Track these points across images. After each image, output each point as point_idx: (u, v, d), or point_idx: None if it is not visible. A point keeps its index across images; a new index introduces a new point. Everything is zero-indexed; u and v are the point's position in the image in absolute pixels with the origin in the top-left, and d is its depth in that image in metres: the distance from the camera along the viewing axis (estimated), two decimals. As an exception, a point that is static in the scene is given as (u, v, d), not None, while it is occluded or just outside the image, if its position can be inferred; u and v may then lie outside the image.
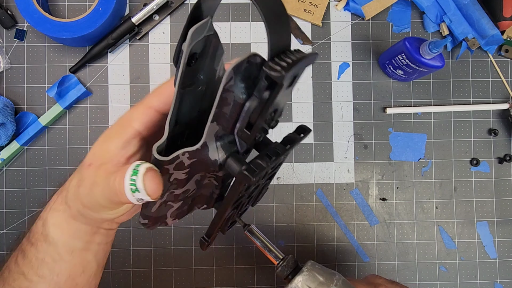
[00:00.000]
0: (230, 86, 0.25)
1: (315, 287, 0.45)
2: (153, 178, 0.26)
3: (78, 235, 0.34)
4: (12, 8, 0.61)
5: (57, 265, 0.34)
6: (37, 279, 0.34)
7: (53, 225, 0.34)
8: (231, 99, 0.26)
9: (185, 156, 0.27)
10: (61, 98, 0.60)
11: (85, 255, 0.35)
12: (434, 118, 0.64)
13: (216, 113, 0.26)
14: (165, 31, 0.63)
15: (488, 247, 0.64)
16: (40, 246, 0.34)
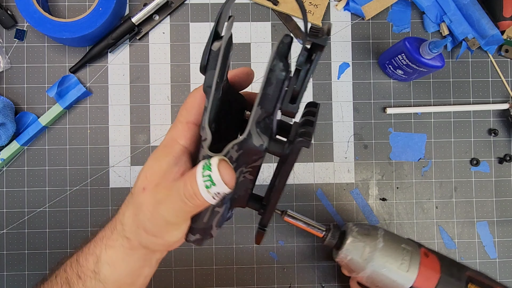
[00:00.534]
0: (273, 66, 0.28)
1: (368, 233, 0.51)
2: (227, 167, 0.27)
3: (131, 271, 0.34)
4: (12, 8, 0.61)
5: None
6: None
7: (107, 263, 0.33)
8: (274, 78, 0.29)
9: (234, 149, 0.29)
10: (61, 98, 0.60)
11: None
12: (434, 118, 0.64)
13: (262, 96, 0.29)
14: (165, 31, 0.63)
15: (488, 247, 0.64)
16: (89, 282, 0.34)
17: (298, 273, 0.63)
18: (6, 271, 0.61)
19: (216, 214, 0.33)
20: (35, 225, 0.61)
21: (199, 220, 0.32)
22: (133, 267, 0.34)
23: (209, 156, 0.28)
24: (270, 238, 0.63)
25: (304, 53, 0.28)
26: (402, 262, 0.49)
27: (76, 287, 0.34)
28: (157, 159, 0.31)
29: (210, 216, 0.32)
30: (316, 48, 0.29)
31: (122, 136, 0.62)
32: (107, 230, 0.34)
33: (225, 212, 0.35)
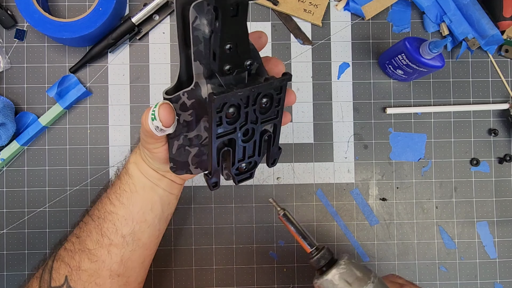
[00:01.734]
0: (197, 25, 0.30)
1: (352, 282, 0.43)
2: (165, 108, 0.34)
3: (148, 174, 0.45)
4: (12, 8, 0.61)
5: (133, 196, 0.45)
6: (118, 204, 0.45)
7: (132, 163, 0.46)
8: (201, 36, 0.31)
9: (185, 96, 0.34)
10: (61, 98, 0.60)
11: (153, 193, 0.46)
12: (434, 118, 0.64)
13: (195, 52, 0.32)
14: (165, 31, 0.63)
15: (488, 247, 0.64)
16: (123, 177, 0.46)
17: (298, 273, 0.63)
18: (6, 271, 0.61)
19: (188, 152, 0.39)
20: (35, 225, 0.61)
21: (170, 151, 0.39)
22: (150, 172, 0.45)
23: (164, 97, 0.34)
24: (270, 238, 0.63)
25: (213, 14, 0.30)
26: None
27: (116, 183, 0.47)
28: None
29: (178, 150, 0.39)
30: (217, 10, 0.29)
31: (122, 136, 0.62)
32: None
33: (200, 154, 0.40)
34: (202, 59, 0.32)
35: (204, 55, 0.32)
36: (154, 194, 0.46)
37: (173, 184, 0.47)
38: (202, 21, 0.30)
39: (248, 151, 0.38)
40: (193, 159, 0.40)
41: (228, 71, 0.32)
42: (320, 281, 0.44)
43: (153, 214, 0.46)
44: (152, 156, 0.41)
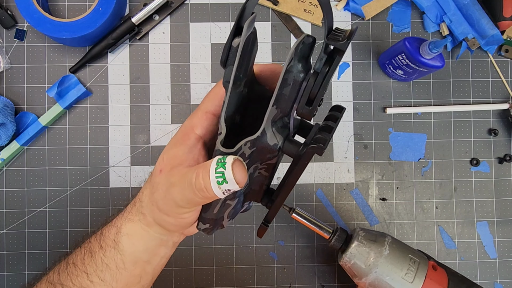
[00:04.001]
0: (290, 67, 0.28)
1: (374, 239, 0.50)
2: (241, 167, 0.28)
3: (147, 247, 0.36)
4: (12, 8, 0.61)
5: (119, 273, 0.36)
6: (97, 281, 0.36)
7: (126, 235, 0.36)
8: (291, 79, 0.29)
9: (247, 146, 0.29)
10: (61, 98, 0.60)
11: (146, 267, 0.37)
12: (434, 118, 0.64)
13: (277, 96, 0.29)
14: (165, 31, 0.63)
15: (488, 247, 0.64)
16: (109, 251, 0.36)
17: (298, 273, 0.63)
18: (6, 271, 0.61)
19: (227, 206, 0.34)
20: (35, 225, 0.61)
21: (209, 210, 0.33)
22: (150, 244, 0.36)
23: (221, 151, 0.29)
24: (270, 238, 0.63)
25: (324, 56, 0.28)
26: (407, 272, 0.48)
27: (97, 256, 0.37)
28: (174, 145, 0.33)
29: (220, 208, 0.33)
30: (336, 52, 0.28)
31: (122, 136, 0.62)
32: (129, 207, 0.37)
33: (237, 205, 0.35)
34: (282, 103, 0.30)
35: (287, 98, 0.30)
36: (147, 267, 0.38)
37: (175, 246, 0.39)
38: (296, 63, 0.28)
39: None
40: (230, 212, 0.35)
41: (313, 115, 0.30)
42: (349, 252, 0.49)
43: (140, 285, 0.39)
44: (177, 223, 0.33)
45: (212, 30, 0.63)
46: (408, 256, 0.49)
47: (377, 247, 0.49)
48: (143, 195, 0.35)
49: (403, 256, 0.49)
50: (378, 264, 0.48)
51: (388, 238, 0.50)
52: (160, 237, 0.36)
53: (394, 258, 0.49)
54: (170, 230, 0.35)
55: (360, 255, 0.49)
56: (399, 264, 0.48)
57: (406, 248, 0.51)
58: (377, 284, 0.49)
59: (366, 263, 0.49)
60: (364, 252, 0.49)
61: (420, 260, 0.50)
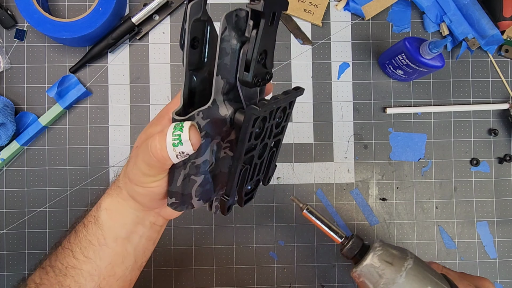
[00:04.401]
0: (225, 36, 0.29)
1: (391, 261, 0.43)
2: (195, 130, 0.30)
3: (124, 222, 0.38)
4: (12, 8, 0.61)
5: (101, 250, 0.38)
6: (82, 259, 0.38)
7: (104, 209, 0.38)
8: (228, 48, 0.30)
9: (200, 116, 0.31)
10: (61, 98, 0.60)
11: (126, 245, 0.39)
12: (434, 118, 0.64)
13: (219, 65, 0.30)
14: (165, 31, 0.63)
15: (488, 247, 0.64)
16: (91, 228, 0.38)
17: (298, 273, 0.63)
18: (6, 271, 0.61)
19: (192, 182, 0.35)
20: (35, 225, 0.61)
21: (173, 183, 0.34)
22: (126, 219, 0.38)
23: (174, 118, 0.31)
24: (270, 238, 0.63)
25: (250, 22, 0.29)
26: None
27: (80, 234, 0.38)
28: (150, 126, 0.36)
29: (183, 181, 0.34)
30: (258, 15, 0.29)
31: (122, 136, 0.62)
32: (112, 184, 0.39)
33: (206, 184, 0.36)
34: (226, 73, 0.31)
35: (229, 68, 0.31)
36: (128, 245, 0.39)
37: (154, 228, 0.40)
38: (231, 32, 0.29)
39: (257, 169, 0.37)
40: (197, 189, 0.36)
41: (257, 82, 0.31)
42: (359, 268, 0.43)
43: (124, 267, 0.39)
44: (146, 193, 0.35)
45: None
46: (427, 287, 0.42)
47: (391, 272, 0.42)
48: (122, 171, 0.38)
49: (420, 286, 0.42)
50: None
51: (408, 263, 0.43)
52: (136, 213, 0.38)
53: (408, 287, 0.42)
54: (142, 203, 0.37)
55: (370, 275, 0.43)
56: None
57: (428, 277, 0.43)
58: None
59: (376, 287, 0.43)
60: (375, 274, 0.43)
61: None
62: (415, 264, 0.43)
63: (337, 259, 0.63)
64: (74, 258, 0.38)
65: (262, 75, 0.32)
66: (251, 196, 0.40)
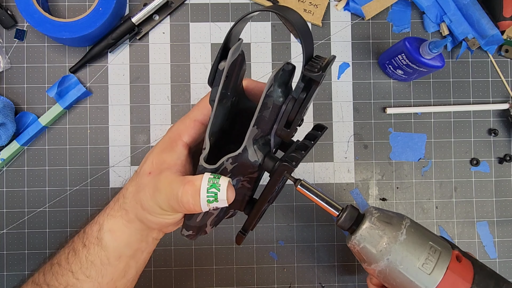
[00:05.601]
0: (270, 92, 0.30)
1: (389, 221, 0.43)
2: (232, 189, 0.30)
3: (129, 242, 0.37)
4: (12, 8, 0.61)
5: (104, 268, 0.38)
6: (83, 278, 0.38)
7: (108, 231, 0.37)
8: (270, 103, 0.30)
9: (229, 161, 0.31)
10: (61, 98, 0.60)
11: (129, 262, 0.39)
12: (434, 118, 0.64)
13: (257, 118, 0.30)
14: (165, 31, 0.63)
15: (488, 247, 0.64)
16: (93, 249, 0.38)
17: (298, 273, 0.63)
18: (6, 271, 0.61)
19: (210, 215, 0.35)
20: (35, 225, 0.61)
21: (192, 219, 0.35)
22: (131, 239, 0.37)
23: (204, 167, 0.30)
24: (270, 238, 0.63)
25: (301, 84, 0.29)
26: (426, 262, 0.42)
27: (81, 254, 0.38)
28: (163, 151, 0.35)
29: (203, 217, 0.35)
30: (312, 81, 0.29)
31: (122, 136, 0.62)
32: (111, 203, 0.38)
33: (220, 213, 0.37)
34: (262, 124, 0.32)
35: (267, 120, 0.32)
36: (131, 261, 0.39)
37: (155, 242, 0.40)
38: (276, 88, 0.30)
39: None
40: (212, 220, 0.37)
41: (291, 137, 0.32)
42: (359, 234, 0.42)
43: (126, 280, 0.40)
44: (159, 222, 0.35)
45: (212, 30, 0.63)
46: (428, 243, 0.43)
47: (392, 231, 0.42)
48: (127, 191, 0.37)
49: (422, 242, 0.42)
50: (391, 251, 0.41)
51: (407, 221, 0.43)
52: (141, 232, 0.37)
53: (411, 244, 0.42)
54: (151, 227, 0.37)
55: (371, 238, 0.42)
56: (417, 252, 0.42)
57: (427, 234, 0.44)
58: (388, 273, 0.42)
59: (378, 248, 0.42)
60: (376, 235, 0.42)
61: (442, 249, 0.43)
62: (413, 222, 0.44)
63: (337, 259, 0.63)
64: (74, 278, 0.38)
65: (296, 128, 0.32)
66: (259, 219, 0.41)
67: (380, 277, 0.44)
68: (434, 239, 0.44)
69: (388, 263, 0.42)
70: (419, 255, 0.42)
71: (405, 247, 0.42)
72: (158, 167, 0.34)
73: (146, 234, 0.38)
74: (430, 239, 0.43)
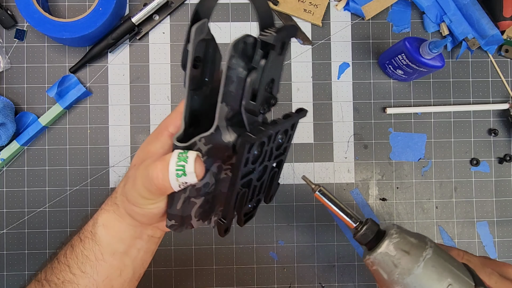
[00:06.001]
0: (232, 64, 0.29)
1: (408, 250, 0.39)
2: (200, 162, 0.30)
3: (122, 237, 0.38)
4: (12, 8, 0.61)
5: (98, 264, 0.38)
6: (79, 274, 0.38)
7: (101, 225, 0.38)
8: (234, 76, 0.29)
9: (202, 142, 0.30)
10: (61, 98, 0.60)
11: (124, 259, 0.38)
12: (434, 118, 0.64)
13: (224, 93, 0.29)
14: (165, 31, 0.63)
15: (488, 247, 0.64)
16: (87, 243, 0.38)
17: (298, 273, 0.63)
18: (6, 271, 0.61)
19: (192, 204, 0.34)
20: (35, 225, 0.61)
21: (173, 206, 0.34)
22: (125, 234, 0.38)
23: (176, 145, 0.30)
24: (270, 238, 0.63)
25: (259, 52, 0.28)
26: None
27: (77, 248, 0.38)
28: (148, 143, 0.36)
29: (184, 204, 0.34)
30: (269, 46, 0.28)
31: (122, 136, 0.62)
32: (107, 199, 0.39)
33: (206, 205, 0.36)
34: (231, 100, 0.30)
35: (234, 95, 0.30)
36: (126, 259, 0.39)
37: (152, 240, 0.40)
38: (238, 60, 0.29)
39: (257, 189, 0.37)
40: (197, 211, 0.36)
41: (262, 110, 0.31)
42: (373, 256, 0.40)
43: (122, 280, 0.39)
44: (144, 213, 0.35)
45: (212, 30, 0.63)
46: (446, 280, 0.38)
47: (407, 262, 0.39)
48: (118, 187, 0.38)
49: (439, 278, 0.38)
50: (404, 283, 0.38)
51: (427, 252, 0.39)
52: (134, 228, 0.37)
53: (426, 279, 0.38)
54: (140, 221, 0.37)
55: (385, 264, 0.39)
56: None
57: (448, 268, 0.39)
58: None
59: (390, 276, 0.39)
60: (390, 264, 0.39)
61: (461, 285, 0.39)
62: (435, 254, 0.39)
63: (337, 259, 0.63)
64: (71, 273, 0.38)
65: (267, 101, 0.31)
66: (251, 215, 0.40)
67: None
68: (455, 275, 0.39)
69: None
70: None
71: (419, 281, 0.38)
72: (142, 158, 0.35)
73: (140, 230, 0.38)
74: (450, 275, 0.39)
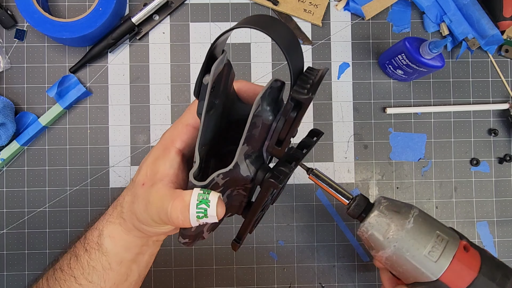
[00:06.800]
0: (258, 112, 0.29)
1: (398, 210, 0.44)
2: (222, 204, 0.30)
3: (129, 247, 0.38)
4: (12, 8, 0.61)
5: (106, 273, 0.38)
6: (86, 284, 0.38)
7: (108, 237, 0.37)
8: (259, 122, 0.30)
9: (220, 177, 0.30)
10: (61, 98, 0.60)
11: (131, 266, 0.39)
12: (434, 118, 0.64)
13: (247, 136, 0.29)
14: (165, 31, 0.63)
15: (488, 247, 0.64)
16: (94, 254, 0.38)
17: (298, 273, 0.63)
18: (6, 271, 0.61)
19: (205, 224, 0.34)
20: (35, 225, 0.61)
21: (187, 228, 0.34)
22: (131, 244, 0.38)
23: (193, 184, 0.29)
24: (270, 238, 0.63)
25: (291, 104, 0.28)
26: (432, 250, 0.43)
27: (83, 259, 0.38)
28: (156, 160, 0.34)
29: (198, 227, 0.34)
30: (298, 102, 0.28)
31: (122, 136, 0.62)
32: (110, 209, 0.39)
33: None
34: (252, 142, 0.31)
35: (257, 138, 0.31)
36: (132, 265, 0.39)
37: (157, 243, 0.41)
38: (265, 107, 0.29)
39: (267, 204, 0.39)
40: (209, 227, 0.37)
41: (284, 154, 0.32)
42: (368, 221, 0.44)
43: (128, 283, 0.40)
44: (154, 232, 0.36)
45: (212, 30, 0.63)
46: (435, 232, 0.43)
47: (399, 219, 0.43)
48: (124, 201, 0.37)
49: (429, 231, 0.43)
50: (398, 238, 0.43)
51: (415, 211, 0.44)
52: (140, 239, 0.38)
53: (418, 232, 0.43)
54: (149, 235, 0.37)
55: (379, 225, 0.44)
56: (423, 240, 0.43)
57: (435, 223, 0.45)
58: (395, 260, 0.44)
59: (385, 235, 0.43)
60: (384, 223, 0.43)
61: (449, 238, 0.44)
62: (421, 212, 0.45)
63: (337, 259, 0.63)
64: (77, 284, 0.38)
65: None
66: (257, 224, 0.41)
67: (387, 264, 0.45)
68: (442, 229, 0.45)
69: (395, 250, 0.43)
70: (425, 243, 0.43)
71: (412, 235, 0.43)
72: (151, 178, 0.34)
73: (147, 238, 0.38)
74: (438, 228, 0.44)
